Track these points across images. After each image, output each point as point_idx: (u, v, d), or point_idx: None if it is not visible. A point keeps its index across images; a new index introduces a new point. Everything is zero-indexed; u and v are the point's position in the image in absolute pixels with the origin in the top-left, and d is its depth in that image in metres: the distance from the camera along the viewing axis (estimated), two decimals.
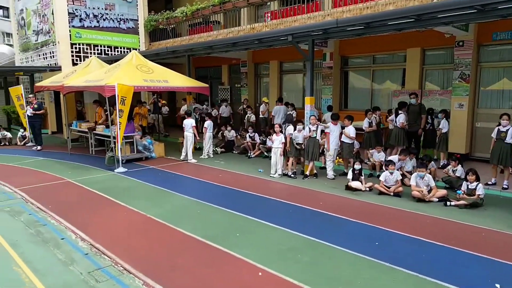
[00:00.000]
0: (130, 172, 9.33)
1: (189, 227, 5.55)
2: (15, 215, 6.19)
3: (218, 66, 17.22)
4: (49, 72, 15.23)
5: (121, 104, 9.55)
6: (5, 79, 18.54)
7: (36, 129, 12.95)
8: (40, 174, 9.21)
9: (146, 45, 16.82)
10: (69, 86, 11.44)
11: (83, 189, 7.79)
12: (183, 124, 10.99)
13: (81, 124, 12.61)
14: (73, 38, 14.74)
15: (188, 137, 10.81)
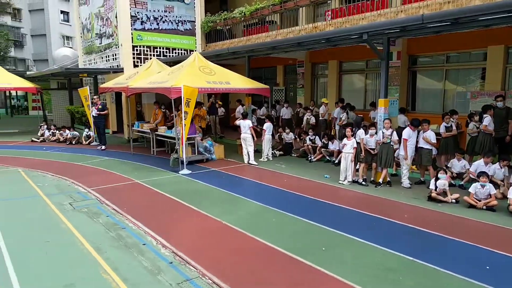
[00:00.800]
0: (194, 175, 9.28)
1: (268, 237, 5.28)
2: (93, 216, 6.26)
3: (273, 67, 16.95)
4: (111, 74, 15.76)
5: (186, 106, 9.54)
6: (69, 81, 19.49)
7: (100, 129, 13.40)
8: (109, 174, 9.42)
9: (203, 46, 16.91)
10: (134, 88, 11.68)
11: (152, 191, 7.80)
12: (240, 125, 10.80)
13: (143, 125, 12.85)
14: (135, 41, 15.12)
15: (247, 139, 10.62)
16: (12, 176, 9.26)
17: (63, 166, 10.43)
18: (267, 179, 8.78)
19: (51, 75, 16.60)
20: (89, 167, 10.29)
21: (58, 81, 22.01)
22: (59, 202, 7.06)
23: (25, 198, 7.38)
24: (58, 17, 46.89)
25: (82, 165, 10.61)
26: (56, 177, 9.13)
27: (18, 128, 19.60)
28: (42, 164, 10.77)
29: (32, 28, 47.14)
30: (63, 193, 7.73)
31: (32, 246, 5.05)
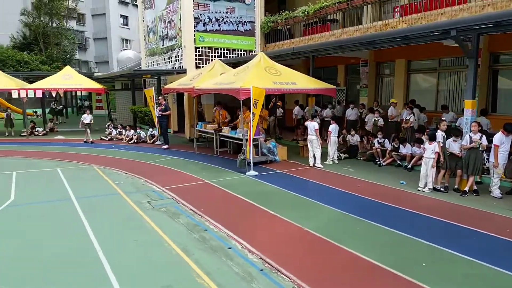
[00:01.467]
0: (261, 176, 9.18)
1: (356, 247, 5.00)
2: (173, 216, 6.34)
3: (333, 67, 16.47)
4: (174, 75, 16.18)
5: (253, 107, 9.47)
6: (132, 82, 20.35)
7: (163, 129, 13.78)
8: (178, 174, 9.59)
9: (261, 46, 16.86)
10: (200, 89, 11.84)
11: (224, 192, 7.79)
12: (308, 127, 10.54)
13: (206, 125, 13.02)
14: (197, 42, 15.40)
15: (313, 141, 10.34)
16: (90, 173, 9.73)
17: (133, 165, 10.81)
18: (338, 183, 8.45)
19: (119, 76, 17.41)
20: (158, 166, 10.57)
21: (122, 82, 23.09)
22: (138, 200, 7.25)
23: (107, 195, 7.67)
24: (118, 21, 49.45)
25: (151, 163, 10.93)
26: (130, 175, 9.46)
27: None
28: (114, 161, 11.24)
29: (95, 32, 50.11)
30: (139, 192, 7.95)
31: (123, 245, 5.17)
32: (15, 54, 33.76)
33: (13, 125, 17.50)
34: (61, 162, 11.20)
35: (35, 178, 9.10)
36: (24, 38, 37.88)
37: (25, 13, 37.11)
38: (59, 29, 38.48)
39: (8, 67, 31.41)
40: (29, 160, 11.44)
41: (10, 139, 16.22)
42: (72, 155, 12.19)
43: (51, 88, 16.85)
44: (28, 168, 10.33)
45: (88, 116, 15.50)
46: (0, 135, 17.08)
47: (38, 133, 17.36)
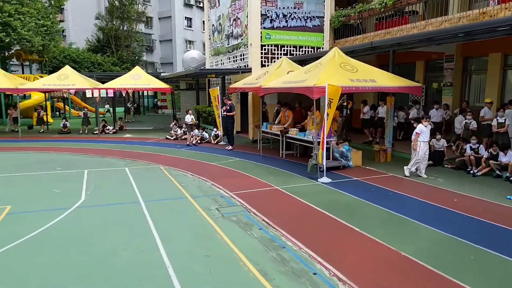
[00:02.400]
0: (336, 184, 8.30)
1: (478, 284, 3.97)
2: (245, 227, 5.74)
3: (411, 63, 14.98)
4: (238, 75, 15.81)
5: (327, 107, 8.62)
6: (197, 81, 20.43)
7: (228, 130, 13.40)
8: (245, 177, 9.04)
9: (330, 43, 15.86)
10: (267, 88, 11.24)
11: (296, 201, 7.05)
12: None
13: (271, 126, 12.39)
14: (263, 40, 14.84)
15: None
16: (157, 174, 9.56)
17: (198, 166, 10.50)
18: (429, 196, 7.30)
19: (185, 76, 17.51)
20: (223, 168, 10.13)
21: (187, 82, 23.41)
22: (206, 206, 6.78)
23: (174, 199, 7.33)
24: (183, 23, 51.01)
25: (216, 165, 10.54)
26: (195, 177, 9.11)
27: (152, 125, 21.33)
28: (179, 162, 11.03)
29: (161, 34, 52.20)
30: (207, 196, 7.50)
31: (195, 260, 4.65)
32: (90, 56, 36.05)
33: (89, 123, 18.37)
34: (129, 161, 11.25)
35: (105, 178, 9.09)
36: (98, 41, 40.40)
37: (99, 18, 39.54)
38: (129, 32, 40.50)
39: (83, 68, 33.61)
40: (100, 159, 11.65)
41: (84, 136, 16.97)
42: (140, 154, 12.25)
43: (121, 87, 17.37)
44: (98, 166, 10.45)
45: (190, 116, 14.65)
46: (76, 132, 17.98)
47: (108, 131, 18.02)
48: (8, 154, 12.45)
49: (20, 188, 8.07)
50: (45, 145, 14.27)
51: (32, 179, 8.90)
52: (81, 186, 8.14)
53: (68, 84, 17.07)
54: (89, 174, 9.39)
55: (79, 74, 18.47)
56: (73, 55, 34.27)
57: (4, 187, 8.12)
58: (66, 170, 9.85)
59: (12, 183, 8.52)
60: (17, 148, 13.45)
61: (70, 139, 16.14)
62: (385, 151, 10.98)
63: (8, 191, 7.75)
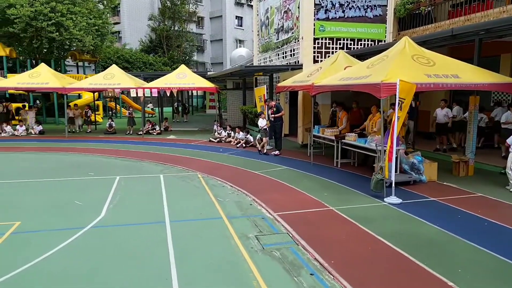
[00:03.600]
0: (408, 206, 6.57)
1: None
2: (291, 270, 4.31)
3: (492, 57, 12.54)
4: (287, 72, 14.40)
5: (398, 108, 6.91)
6: (244, 80, 19.29)
7: (276, 133, 12.01)
8: (292, 192, 7.59)
9: (394, 35, 13.87)
10: (321, 86, 9.70)
11: (360, 231, 5.47)
12: None
13: (324, 129, 10.81)
14: (317, 33, 13.27)
15: None
16: (192, 184, 8.43)
17: (240, 174, 9.24)
18: None
19: (230, 74, 16.45)
20: (267, 178, 8.76)
21: (234, 81, 22.42)
22: (244, 232, 5.45)
23: (206, 220, 6.09)
24: (233, 22, 50.57)
25: (259, 174, 9.21)
26: (235, 189, 7.83)
27: (198, 126, 20.55)
28: (219, 169, 9.86)
29: (212, 34, 52.19)
30: (246, 216, 6.18)
31: None
32: (142, 56, 36.56)
33: (134, 123, 17.98)
34: (166, 166, 10.29)
35: (135, 187, 8.12)
36: (150, 42, 41.02)
37: (152, 18, 40.11)
38: (180, 32, 40.67)
39: (135, 69, 34.11)
40: (137, 163, 10.83)
41: (128, 137, 16.51)
42: (178, 159, 11.27)
43: (165, 87, 16.68)
44: (132, 172, 9.58)
45: (264, 121, 12.41)
46: (121, 132, 17.63)
47: (153, 132, 17.46)
48: (47, 155, 12.08)
49: (41, 197, 7.29)
50: (87, 146, 13.86)
51: (58, 186, 8.16)
52: (106, 197, 7.20)
53: (113, 83, 16.73)
54: (120, 182, 8.49)
55: (125, 74, 18.11)
56: (126, 56, 34.91)
57: (26, 195, 7.40)
58: (97, 176, 9.06)
59: (36, 190, 7.81)
60: (58, 149, 13.13)
61: (114, 139, 15.71)
62: (466, 163, 8.97)
63: (27, 201, 6.98)
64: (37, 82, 16.40)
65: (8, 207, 6.61)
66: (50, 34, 19.64)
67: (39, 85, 16.40)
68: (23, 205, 6.69)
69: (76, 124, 17.92)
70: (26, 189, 7.87)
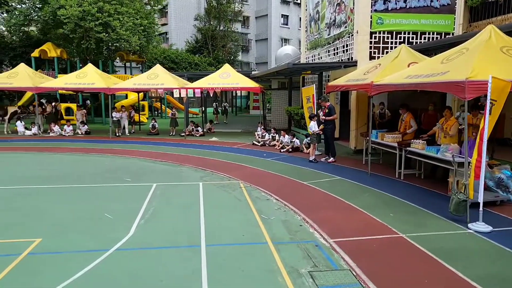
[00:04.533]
0: (502, 236, 5.19)
1: None
2: None
3: None
4: (338, 70, 13.15)
5: (487, 112, 5.52)
6: (290, 80, 18.22)
7: (328, 138, 10.83)
8: (351, 211, 6.43)
9: (464, 27, 12.12)
10: (381, 85, 8.41)
11: (447, 272, 4.23)
12: None
13: (383, 134, 9.47)
14: (374, 26, 11.89)
15: None
16: (234, 195, 7.53)
17: (286, 184, 8.21)
18: None
19: (276, 73, 15.47)
20: (318, 191, 7.65)
21: (279, 80, 21.41)
22: (293, 265, 4.42)
23: (248, 244, 5.13)
24: (279, 21, 49.57)
25: (309, 185, 8.11)
26: (281, 204, 6.82)
27: (241, 128, 19.79)
28: (263, 177, 8.90)
29: (257, 33, 51.54)
30: (296, 242, 5.14)
31: None
32: (187, 56, 36.65)
33: (177, 124, 17.59)
34: (206, 172, 9.51)
35: (171, 197, 7.36)
36: (196, 42, 41.15)
37: (198, 18, 40.18)
38: (225, 31, 40.39)
39: (181, 69, 34.21)
40: (176, 168, 10.16)
41: (170, 139, 16.07)
42: (220, 164, 10.47)
43: (208, 87, 16.03)
44: (170, 178, 8.89)
45: (315, 124, 10.84)
46: (165, 134, 17.27)
47: (196, 133, 16.92)
48: (87, 157, 11.81)
49: (70, 206, 6.70)
50: (129, 147, 13.52)
51: (91, 194, 7.60)
52: (139, 209, 6.48)
53: (157, 83, 16.36)
54: (156, 190, 7.79)
55: (169, 73, 17.74)
56: (172, 56, 35.14)
57: (54, 204, 6.83)
58: (133, 183, 8.44)
59: (65, 198, 7.25)
60: (100, 150, 12.86)
61: (155, 141, 15.32)
62: None
63: (54, 212, 6.39)
64: (84, 82, 16.46)
65: (32, 219, 6.06)
66: (98, 35, 19.80)
67: (85, 86, 16.44)
68: (49, 217, 6.12)
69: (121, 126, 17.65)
70: (56, 197, 7.37)
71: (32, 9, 21.39)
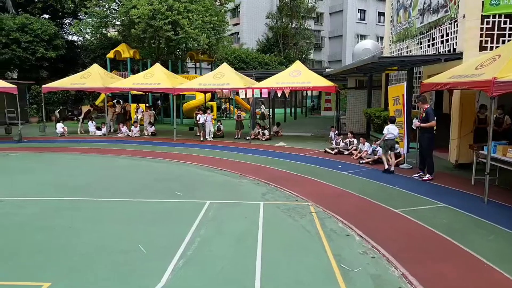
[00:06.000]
0: None
1: None
2: None
3: None
4: (435, 65, 10.76)
5: None
6: (370, 77, 15.96)
7: (424, 149, 8.61)
8: (471, 263, 4.42)
9: None
10: (507, 82, 6.10)
11: None
12: None
13: (506, 148, 7.05)
14: (486, 8, 9.33)
15: None
16: (300, 224, 5.88)
17: (371, 212, 6.34)
18: None
19: (356, 69, 13.42)
20: (418, 226, 5.65)
21: (356, 78, 19.16)
22: None
23: None
24: (355, 16, 46.48)
25: (403, 215, 6.14)
26: (368, 246, 4.99)
27: (312, 131, 17.99)
28: (340, 198, 7.13)
29: (330, 30, 48.98)
30: None
31: None
32: (257, 56, 35.68)
33: (242, 127, 16.43)
34: (270, 188, 7.99)
35: (224, 223, 5.94)
36: (267, 41, 40.08)
37: (270, 17, 39.03)
38: (297, 29, 38.71)
39: (251, 69, 33.30)
40: (236, 179, 8.81)
41: (234, 142, 14.92)
42: (286, 177, 8.89)
43: (277, 86, 14.53)
44: (227, 194, 7.54)
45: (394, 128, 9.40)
46: (230, 136, 16.21)
47: (262, 137, 15.56)
48: (141, 162, 11.00)
49: (102, 231, 5.51)
50: (189, 151, 12.58)
51: (131, 212, 6.44)
52: (182, 239, 5.16)
53: (222, 83, 15.31)
54: (208, 210, 6.46)
55: (235, 72, 16.63)
56: (242, 56, 34.43)
57: (84, 227, 5.67)
58: (184, 199, 7.23)
59: (97, 218, 6.08)
60: (157, 154, 12.08)
61: (219, 144, 14.27)
62: None
63: (80, 240, 5.16)
64: (150, 82, 16.06)
65: (53, 247, 4.92)
66: (166, 33, 19.46)
67: (152, 86, 16.02)
68: (73, 246, 4.95)
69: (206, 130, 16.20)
70: (93, 213, 6.32)
71: (108, 10, 21.91)
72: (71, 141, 15.02)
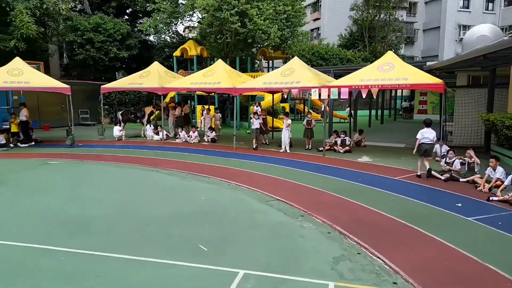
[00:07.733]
0: None
1: None
2: None
3: None
4: None
5: None
6: (492, 72, 11.76)
7: None
8: None
9: None
10: None
11: None
12: None
13: None
14: None
15: None
16: None
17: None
18: None
19: (482, 57, 9.55)
20: None
21: (470, 74, 14.76)
22: None
23: None
24: (457, 4, 39.88)
25: None
26: None
27: (405, 141, 14.19)
28: (472, 281, 3.86)
29: (425, 22, 42.98)
30: None
31: None
32: (339, 52, 32.07)
33: (312, 135, 13.37)
34: (347, 244, 5.02)
35: None
36: (350, 35, 36.19)
37: (355, 8, 35.05)
38: (387, 21, 34.11)
39: (331, 65, 29.85)
40: (296, 223, 5.96)
41: (304, 154, 12.05)
42: (374, 223, 5.78)
43: (360, 85, 11.25)
44: (275, 256, 4.80)
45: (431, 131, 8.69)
46: (299, 146, 13.35)
47: (340, 149, 12.41)
48: (183, 182, 8.70)
49: None
50: (244, 166, 10.09)
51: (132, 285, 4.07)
52: None
53: (291, 81, 12.47)
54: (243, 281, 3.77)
55: (308, 68, 13.69)
56: (321, 52, 31.12)
57: None
58: (207, 263, 4.56)
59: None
60: (208, 170, 9.75)
61: (284, 157, 11.52)
62: None
63: None
64: (209, 81, 13.95)
65: None
66: (232, 25, 17.23)
67: (210, 85, 13.88)
68: None
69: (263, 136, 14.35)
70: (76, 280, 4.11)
71: (176, 4, 20.55)
72: (124, 147, 13.58)
